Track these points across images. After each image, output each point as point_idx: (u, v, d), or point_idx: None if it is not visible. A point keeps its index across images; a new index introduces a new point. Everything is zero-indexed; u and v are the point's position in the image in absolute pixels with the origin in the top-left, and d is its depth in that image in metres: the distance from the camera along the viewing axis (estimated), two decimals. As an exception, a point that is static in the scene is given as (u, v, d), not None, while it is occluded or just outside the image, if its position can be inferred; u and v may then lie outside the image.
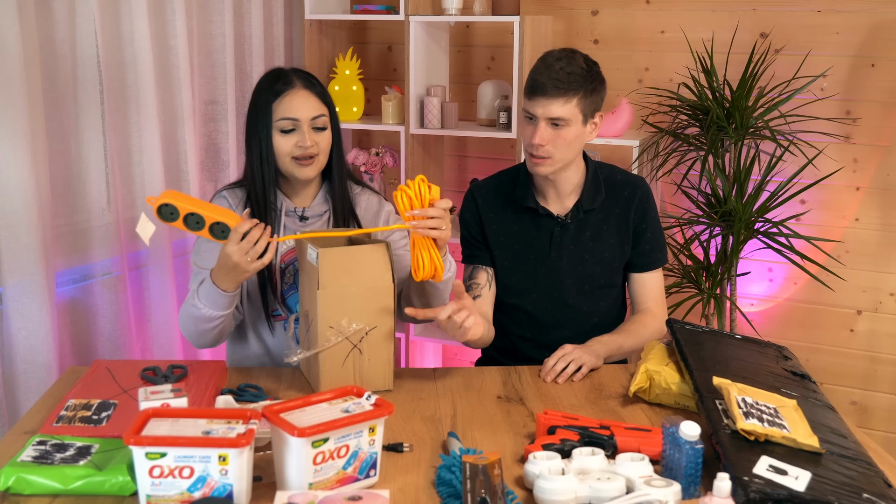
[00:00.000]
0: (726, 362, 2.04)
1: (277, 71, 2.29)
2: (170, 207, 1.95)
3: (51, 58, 2.62)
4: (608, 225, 2.42)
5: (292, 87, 2.22)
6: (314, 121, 2.21)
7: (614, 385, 2.15)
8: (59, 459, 1.62)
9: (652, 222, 2.44)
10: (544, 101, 2.25)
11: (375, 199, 2.39)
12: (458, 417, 1.96)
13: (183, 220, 1.96)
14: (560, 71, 2.24)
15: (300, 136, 2.20)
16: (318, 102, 2.23)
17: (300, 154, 2.20)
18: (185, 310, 2.15)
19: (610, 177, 2.45)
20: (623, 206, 2.42)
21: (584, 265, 2.42)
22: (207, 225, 1.96)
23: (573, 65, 2.26)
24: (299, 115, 2.20)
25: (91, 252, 2.81)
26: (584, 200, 2.39)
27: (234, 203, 2.29)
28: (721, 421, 1.73)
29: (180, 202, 1.96)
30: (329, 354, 1.99)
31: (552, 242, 2.41)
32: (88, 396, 1.92)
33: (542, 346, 2.39)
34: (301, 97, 2.21)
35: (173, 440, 1.49)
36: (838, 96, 3.42)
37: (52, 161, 2.62)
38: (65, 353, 2.71)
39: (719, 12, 3.52)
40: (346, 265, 1.98)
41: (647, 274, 2.46)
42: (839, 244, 3.50)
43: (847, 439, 1.80)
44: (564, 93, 2.24)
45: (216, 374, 2.05)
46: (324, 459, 1.57)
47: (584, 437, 1.75)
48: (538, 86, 2.25)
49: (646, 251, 2.44)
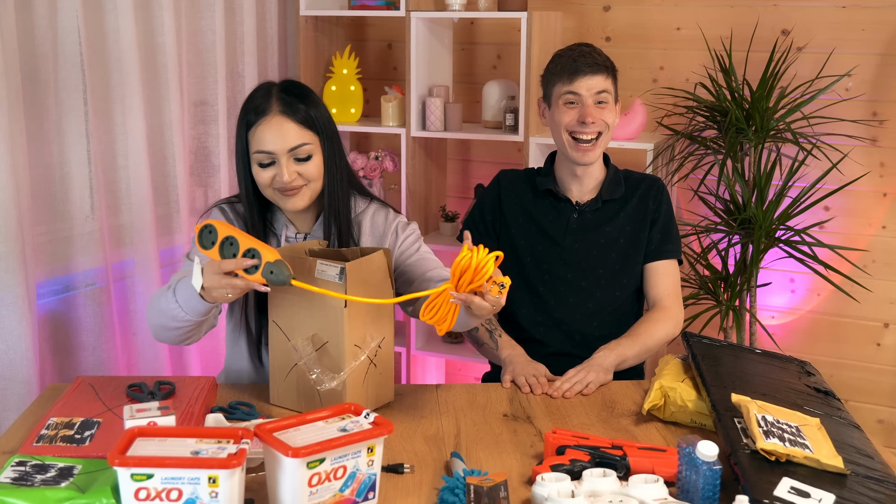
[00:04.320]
0: (745, 378, 2.04)
1: (262, 89, 2.18)
2: (209, 229, 1.93)
3: (31, 55, 2.63)
4: (625, 212, 2.57)
5: (265, 115, 2.11)
6: (294, 151, 2.11)
7: (627, 402, 2.16)
8: (39, 481, 1.62)
9: (665, 213, 2.58)
10: (588, 78, 2.46)
11: (382, 216, 2.31)
12: (461, 437, 1.96)
13: (220, 245, 1.93)
14: (592, 54, 2.49)
15: (278, 169, 2.12)
16: (297, 130, 2.12)
17: (280, 187, 2.14)
18: (157, 298, 2.11)
19: (628, 175, 2.63)
20: (641, 197, 2.58)
21: (598, 249, 2.56)
22: (241, 251, 1.91)
23: (597, 51, 2.52)
24: (274, 148, 2.10)
25: (73, 261, 2.81)
26: (603, 192, 2.57)
27: (237, 224, 2.25)
28: (740, 440, 1.73)
29: (222, 227, 1.93)
30: (351, 376, 1.99)
31: (568, 228, 2.56)
32: (71, 414, 1.92)
33: (553, 326, 2.56)
34: (276, 127, 2.10)
35: (160, 461, 1.49)
36: (864, 97, 3.43)
37: (32, 165, 2.63)
38: (45, 369, 2.71)
39: (738, 8, 3.52)
40: (359, 277, 1.97)
41: (659, 264, 2.56)
42: (865, 253, 3.50)
43: (873, 460, 1.80)
44: (605, 69, 2.49)
45: (206, 390, 2.06)
46: (320, 481, 1.57)
47: (595, 457, 1.75)
48: (577, 67, 2.46)
49: (657, 239, 2.56)
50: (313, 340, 2.00)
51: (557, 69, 2.50)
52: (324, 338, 1.99)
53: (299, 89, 2.19)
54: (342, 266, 1.92)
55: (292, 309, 2.03)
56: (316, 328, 2.00)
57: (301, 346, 2.00)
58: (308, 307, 2.00)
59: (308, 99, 2.17)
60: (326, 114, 2.19)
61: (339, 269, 1.93)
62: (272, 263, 1.88)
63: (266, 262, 1.88)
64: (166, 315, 2.07)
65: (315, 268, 1.97)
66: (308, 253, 2.08)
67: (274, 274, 1.87)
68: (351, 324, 1.96)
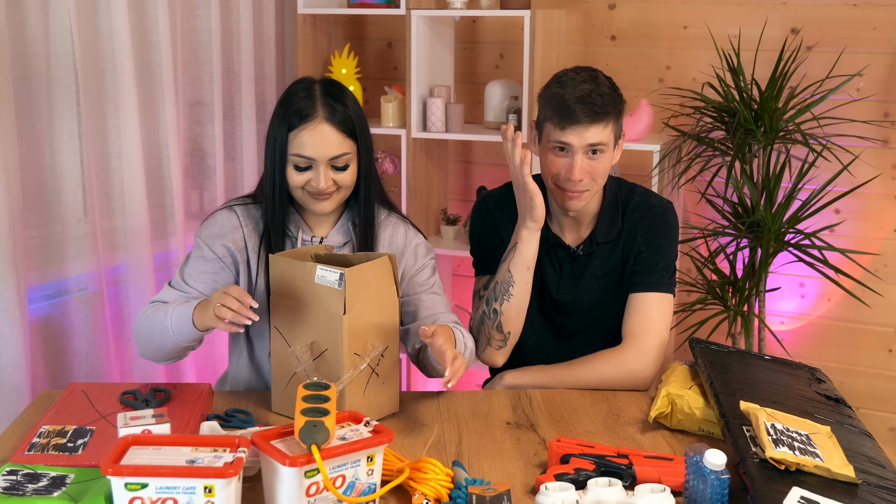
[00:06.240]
0: (754, 385, 2.04)
1: (305, 88, 2.17)
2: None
3: (22, 55, 2.63)
4: (615, 252, 2.39)
5: (312, 120, 2.11)
6: (334, 160, 2.13)
7: (633, 410, 2.16)
8: (31, 490, 1.63)
9: (651, 246, 2.36)
10: (581, 129, 2.21)
11: (402, 231, 2.31)
12: (464, 445, 1.96)
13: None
14: (592, 94, 2.21)
15: (315, 175, 2.13)
16: (340, 139, 2.13)
17: (313, 191, 2.15)
18: (151, 315, 2.14)
19: (628, 198, 2.40)
20: (630, 230, 2.38)
21: (591, 294, 2.41)
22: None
23: (601, 86, 2.24)
24: (315, 155, 2.11)
25: (66, 266, 2.82)
26: (598, 232, 2.38)
27: (247, 226, 2.24)
28: (749, 449, 1.73)
29: None
30: (351, 384, 1.99)
31: (562, 274, 2.42)
32: (63, 422, 1.92)
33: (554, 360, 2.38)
34: (320, 134, 2.11)
35: (155, 470, 1.49)
36: (876, 97, 3.43)
37: (23, 167, 2.63)
38: (37, 376, 2.72)
39: (747, 6, 3.53)
40: (360, 284, 1.97)
41: (635, 296, 2.35)
42: (877, 257, 3.50)
43: (886, 469, 1.80)
44: (602, 117, 2.22)
45: (201, 398, 2.06)
46: (318, 491, 1.57)
47: (600, 466, 1.75)
48: (570, 113, 2.20)
49: (635, 271, 2.36)
50: (312, 348, 2.00)
51: (552, 106, 2.24)
52: (323, 345, 1.99)
53: (340, 91, 2.19)
54: (341, 272, 1.92)
55: (293, 314, 2.03)
56: (315, 335, 2.00)
57: (300, 353, 2.00)
58: (308, 313, 2.00)
59: (348, 102, 2.17)
60: (363, 118, 2.20)
61: (338, 274, 1.93)
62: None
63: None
64: (162, 334, 2.11)
65: (315, 273, 1.97)
66: (313, 258, 2.08)
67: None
68: (350, 331, 1.96)
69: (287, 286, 2.02)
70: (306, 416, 1.60)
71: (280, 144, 2.14)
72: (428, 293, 2.28)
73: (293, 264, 2.00)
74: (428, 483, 1.68)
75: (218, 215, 2.27)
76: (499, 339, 2.32)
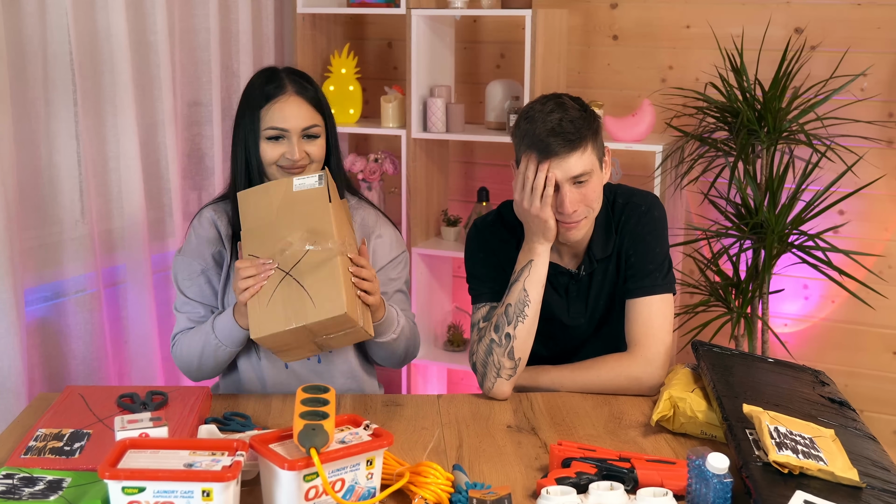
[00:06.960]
0: (757, 388, 2.04)
1: (268, 72, 2.32)
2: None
3: (19, 55, 2.63)
4: (611, 263, 2.36)
5: (283, 93, 2.25)
6: (306, 131, 2.25)
7: (635, 413, 2.15)
8: (27, 494, 1.63)
9: (639, 248, 2.33)
10: (559, 160, 2.16)
11: (372, 217, 2.41)
12: (464, 449, 1.96)
13: None
14: (561, 123, 2.16)
15: (289, 146, 2.23)
16: (310, 111, 2.26)
17: (287, 165, 2.24)
18: (189, 343, 2.25)
19: (614, 203, 2.37)
20: (619, 235, 2.35)
21: (601, 311, 2.40)
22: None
23: (569, 111, 2.19)
24: (289, 126, 2.23)
25: (63, 267, 2.82)
26: (594, 249, 2.34)
27: (221, 225, 2.32)
28: (752, 452, 1.73)
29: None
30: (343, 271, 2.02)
31: (569, 299, 2.39)
32: (60, 425, 1.92)
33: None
34: (292, 105, 2.25)
35: (153, 474, 1.49)
36: (880, 97, 3.43)
37: (20, 168, 2.63)
38: (34, 378, 2.72)
39: (750, 5, 3.53)
40: (334, 198, 2.12)
41: (630, 303, 2.32)
42: (881, 259, 3.50)
43: (890, 473, 1.80)
44: (578, 143, 2.16)
45: (199, 401, 2.06)
46: (317, 495, 1.57)
47: (601, 470, 1.75)
48: (545, 147, 2.15)
49: (628, 276, 2.33)
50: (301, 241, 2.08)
51: (526, 143, 2.19)
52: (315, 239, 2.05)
53: (304, 74, 2.34)
54: (320, 173, 2.03)
55: (270, 231, 2.08)
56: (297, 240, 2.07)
57: (297, 240, 2.04)
58: (286, 225, 2.07)
59: (312, 83, 2.33)
60: (326, 100, 2.35)
61: (317, 176, 2.03)
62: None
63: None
64: (217, 352, 2.21)
65: (293, 183, 2.07)
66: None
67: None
68: (336, 219, 2.05)
69: (262, 213, 2.11)
70: (305, 419, 1.60)
71: (252, 123, 2.24)
72: (397, 292, 2.40)
73: (266, 187, 2.14)
74: (428, 487, 1.69)
75: (191, 230, 2.37)
76: (509, 368, 2.23)
